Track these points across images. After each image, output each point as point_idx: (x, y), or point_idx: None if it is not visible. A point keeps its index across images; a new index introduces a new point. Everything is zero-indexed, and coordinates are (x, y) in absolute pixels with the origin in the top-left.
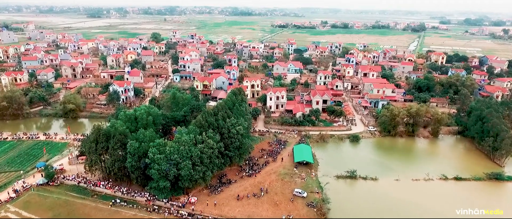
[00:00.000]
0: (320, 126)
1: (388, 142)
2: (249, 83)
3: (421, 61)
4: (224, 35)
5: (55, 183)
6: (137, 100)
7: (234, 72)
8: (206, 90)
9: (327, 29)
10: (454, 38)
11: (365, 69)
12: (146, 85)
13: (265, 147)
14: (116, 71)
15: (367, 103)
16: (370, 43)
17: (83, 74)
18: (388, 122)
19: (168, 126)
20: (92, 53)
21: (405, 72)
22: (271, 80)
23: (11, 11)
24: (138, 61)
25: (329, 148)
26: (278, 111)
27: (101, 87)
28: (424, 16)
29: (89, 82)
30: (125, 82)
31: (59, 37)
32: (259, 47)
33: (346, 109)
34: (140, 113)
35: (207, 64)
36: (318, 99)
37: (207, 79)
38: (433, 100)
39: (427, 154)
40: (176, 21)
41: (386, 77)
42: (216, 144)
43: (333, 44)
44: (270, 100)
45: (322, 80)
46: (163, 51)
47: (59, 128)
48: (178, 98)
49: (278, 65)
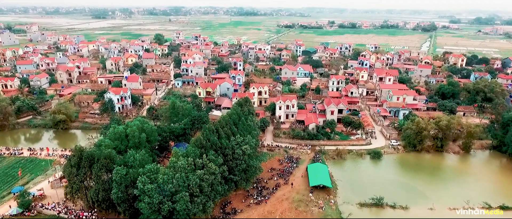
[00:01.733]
0: (336, 140)
1: (414, 159)
2: (256, 90)
3: (439, 64)
4: (229, 36)
5: (32, 213)
6: (135, 108)
7: (240, 77)
8: (209, 97)
9: (335, 29)
10: (467, 38)
11: (381, 73)
12: (145, 91)
13: (275, 166)
14: (114, 76)
15: (386, 112)
16: (381, 43)
17: (80, 79)
18: (413, 136)
19: (165, 142)
20: (93, 56)
21: (423, 75)
22: (279, 86)
23: (18, 12)
24: (138, 65)
25: (347, 166)
26: (288, 121)
27: (96, 94)
28: (432, 15)
29: (84, 88)
30: (122, 89)
31: (60, 39)
32: (265, 48)
33: (364, 119)
34: (132, 130)
35: (211, 68)
36: (333, 108)
37: (211, 85)
38: (460, 109)
39: (461, 174)
40: (181, 22)
41: (403, 81)
42: (219, 168)
43: (343, 45)
44: (279, 110)
45: (334, 85)
46: (165, 53)
47: (48, 141)
48: (177, 108)
49: (286, 69)
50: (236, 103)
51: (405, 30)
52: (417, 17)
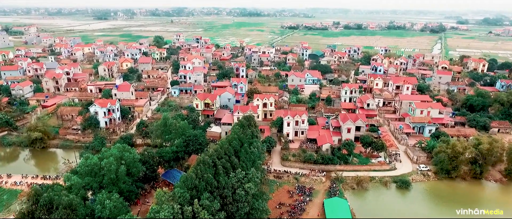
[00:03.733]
0: (355, 165)
1: (448, 189)
2: (260, 102)
3: (458, 69)
4: (232, 38)
5: None
6: (124, 122)
7: (242, 85)
8: (208, 110)
9: (340, 31)
10: (478, 39)
11: (398, 81)
12: (137, 102)
13: (284, 199)
14: (105, 84)
15: (409, 128)
16: (389, 45)
17: (68, 86)
18: (447, 161)
19: (152, 171)
20: (87, 60)
21: (442, 83)
22: (286, 95)
23: (20, 13)
24: (134, 70)
25: (371, 199)
26: (297, 139)
27: (82, 106)
28: (438, 16)
29: (71, 98)
30: (109, 101)
31: (56, 41)
32: (269, 52)
33: (385, 137)
34: (108, 162)
35: (212, 74)
36: (349, 126)
37: (210, 97)
38: (494, 124)
39: (508, 207)
40: (183, 23)
41: (422, 90)
42: (215, 215)
43: (351, 48)
44: (287, 126)
45: (347, 95)
46: (164, 57)
47: (24, 162)
48: (170, 125)
49: (293, 76)
50: (237, 125)
51: (412, 31)
52: (422, 18)
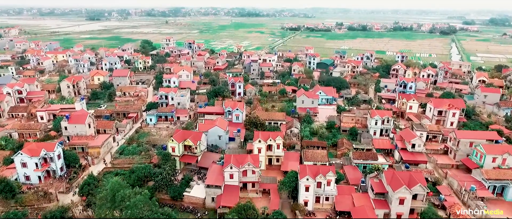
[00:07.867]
0: None
1: None
2: (263, 144)
3: (499, 83)
4: (229, 41)
5: None
6: (67, 177)
7: (239, 113)
8: (188, 155)
9: (345, 32)
10: (494, 42)
11: (441, 105)
12: (93, 141)
13: None
14: (61, 108)
15: (485, 189)
16: (401, 49)
17: (14, 112)
18: None
19: None
20: (58, 71)
21: (488, 103)
22: (296, 124)
23: (12, 14)
24: (107, 85)
25: None
26: (320, 209)
27: (13, 149)
28: (440, 16)
29: (7, 132)
30: (46, 145)
31: (31, 46)
32: (271, 60)
33: (453, 208)
34: None
35: (201, 90)
36: (404, 194)
37: (192, 136)
38: None
39: None
40: (178, 24)
41: (469, 115)
42: None
43: (364, 55)
44: (305, 191)
45: (378, 126)
46: (149, 66)
47: None
48: (122, 197)
49: (304, 96)
50: None
51: (421, 33)
52: (425, 18)
